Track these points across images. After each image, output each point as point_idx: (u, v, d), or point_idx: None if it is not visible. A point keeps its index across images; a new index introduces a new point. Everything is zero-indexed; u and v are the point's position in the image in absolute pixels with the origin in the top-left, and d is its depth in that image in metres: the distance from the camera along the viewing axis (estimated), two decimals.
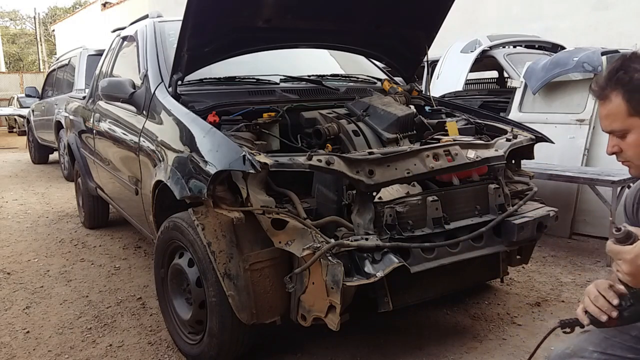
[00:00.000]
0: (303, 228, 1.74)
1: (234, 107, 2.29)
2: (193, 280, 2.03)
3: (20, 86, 18.81)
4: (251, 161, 1.70)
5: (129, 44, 3.41)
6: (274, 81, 2.69)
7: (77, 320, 2.63)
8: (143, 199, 2.63)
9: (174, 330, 2.26)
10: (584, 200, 3.80)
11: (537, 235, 2.16)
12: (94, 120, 3.63)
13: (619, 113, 1.19)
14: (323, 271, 1.68)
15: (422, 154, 2.00)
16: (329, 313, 1.73)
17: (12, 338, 2.47)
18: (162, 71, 2.64)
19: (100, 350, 2.32)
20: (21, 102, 13.19)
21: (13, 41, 36.47)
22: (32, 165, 8.88)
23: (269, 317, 1.89)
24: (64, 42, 21.00)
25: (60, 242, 4.08)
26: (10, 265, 3.53)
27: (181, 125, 2.17)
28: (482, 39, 5.35)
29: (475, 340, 2.31)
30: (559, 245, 3.67)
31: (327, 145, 2.19)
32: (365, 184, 1.84)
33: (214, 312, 1.92)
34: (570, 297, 2.77)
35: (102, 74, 3.88)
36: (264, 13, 2.29)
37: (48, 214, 5.07)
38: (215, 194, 1.79)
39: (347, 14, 2.52)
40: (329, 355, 2.21)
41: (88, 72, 6.27)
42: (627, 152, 1.23)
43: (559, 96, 4.10)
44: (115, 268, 3.39)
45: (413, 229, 1.93)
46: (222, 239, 1.81)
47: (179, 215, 2.06)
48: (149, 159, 2.44)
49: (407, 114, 2.30)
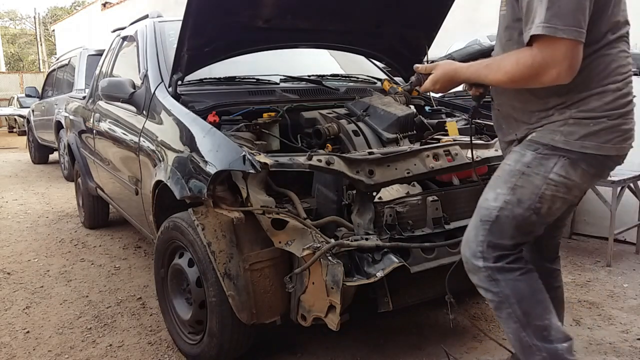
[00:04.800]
0: (303, 228, 1.74)
1: (234, 107, 2.29)
2: (193, 280, 2.03)
3: (20, 86, 18.80)
4: (251, 161, 1.70)
5: (129, 44, 3.41)
6: (274, 81, 2.69)
7: (77, 320, 2.63)
8: (143, 199, 2.63)
9: (174, 330, 2.26)
10: (584, 200, 3.80)
11: None
12: (94, 120, 3.63)
13: None
14: (323, 271, 1.68)
15: (422, 154, 2.00)
16: (329, 313, 1.73)
17: (12, 338, 2.47)
18: (162, 71, 2.64)
19: (100, 350, 2.32)
20: (21, 102, 13.18)
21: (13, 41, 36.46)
22: (32, 165, 8.88)
23: (269, 317, 1.88)
24: (64, 42, 20.98)
25: (60, 242, 4.08)
26: (10, 265, 3.53)
27: (181, 125, 2.17)
28: (482, 39, 5.35)
29: (475, 340, 2.31)
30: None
31: (327, 145, 2.19)
32: (365, 184, 1.84)
33: (214, 312, 1.92)
34: (570, 297, 2.77)
35: (102, 74, 3.88)
36: (264, 13, 2.29)
37: (48, 214, 5.07)
38: (215, 194, 1.79)
39: (347, 13, 2.51)
40: (329, 355, 2.21)
41: (88, 72, 6.27)
42: None
43: None
44: (115, 268, 3.39)
45: (413, 229, 1.93)
46: (222, 239, 1.81)
47: (179, 215, 2.06)
48: (149, 159, 2.44)
49: (407, 114, 2.30)
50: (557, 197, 1.41)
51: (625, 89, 1.39)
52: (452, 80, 1.54)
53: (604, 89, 1.36)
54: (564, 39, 1.23)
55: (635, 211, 3.51)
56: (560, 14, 1.22)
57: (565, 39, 1.23)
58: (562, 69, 1.25)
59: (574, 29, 1.23)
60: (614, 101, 1.37)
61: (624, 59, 1.39)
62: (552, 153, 1.39)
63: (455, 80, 1.54)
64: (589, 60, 1.34)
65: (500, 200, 1.45)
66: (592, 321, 2.50)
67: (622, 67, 1.38)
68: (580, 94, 1.37)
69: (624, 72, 1.38)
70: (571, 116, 1.37)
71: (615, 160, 1.43)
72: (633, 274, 3.11)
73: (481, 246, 1.47)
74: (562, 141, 1.38)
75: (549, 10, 1.23)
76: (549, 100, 1.41)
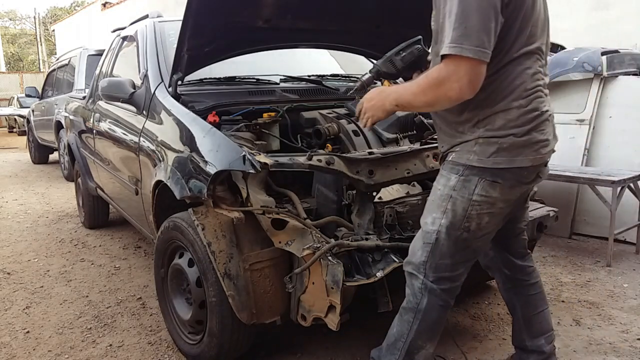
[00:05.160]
0: (303, 228, 1.75)
1: (234, 107, 2.29)
2: (193, 280, 2.03)
3: (20, 86, 18.79)
4: (251, 161, 1.70)
5: (129, 44, 3.41)
6: (274, 81, 2.69)
7: (77, 320, 2.63)
8: (143, 199, 2.63)
9: (174, 330, 2.26)
10: (584, 200, 3.80)
11: (537, 235, 2.17)
12: (94, 120, 3.63)
13: None
14: (323, 271, 1.68)
15: (422, 154, 2.00)
16: (329, 313, 1.73)
17: (12, 338, 2.47)
18: (162, 71, 2.64)
19: (100, 350, 2.32)
20: (21, 102, 13.17)
21: (13, 41, 36.46)
22: (32, 165, 8.88)
23: (269, 317, 1.88)
24: (64, 42, 21.00)
25: (60, 242, 4.08)
26: (10, 265, 3.53)
27: (181, 125, 2.17)
28: None
29: (475, 340, 2.31)
30: (559, 245, 3.67)
31: (327, 145, 2.19)
32: (365, 184, 1.84)
33: (214, 312, 1.92)
34: (570, 297, 2.77)
35: (102, 74, 3.88)
36: (264, 13, 2.28)
37: (48, 214, 5.07)
38: (215, 194, 1.79)
39: (347, 14, 2.51)
40: (329, 355, 2.21)
41: (88, 72, 6.27)
42: None
43: (559, 96, 4.10)
44: (115, 268, 3.39)
45: (413, 229, 1.93)
46: (222, 239, 1.81)
47: (179, 215, 2.06)
48: (149, 159, 2.44)
49: (407, 114, 2.30)
50: (482, 214, 1.51)
51: (530, 105, 1.45)
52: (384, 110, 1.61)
53: (508, 107, 1.44)
54: (468, 58, 1.33)
55: (635, 211, 3.51)
56: (466, 35, 1.32)
57: (469, 57, 1.32)
58: (463, 84, 1.35)
59: (477, 49, 1.32)
60: (518, 118, 1.44)
61: (530, 76, 1.46)
62: (471, 173, 1.49)
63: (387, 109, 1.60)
64: (492, 78, 1.42)
65: (437, 224, 1.55)
66: (592, 321, 2.50)
67: (527, 84, 1.45)
68: (486, 110, 1.45)
69: (529, 89, 1.45)
70: (480, 136, 1.46)
71: (533, 170, 1.50)
72: (633, 274, 3.11)
73: (424, 265, 1.59)
74: (476, 160, 1.47)
75: (455, 30, 1.33)
76: (462, 113, 1.50)
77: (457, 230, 1.53)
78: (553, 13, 1.55)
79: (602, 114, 3.89)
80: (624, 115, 3.80)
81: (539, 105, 1.47)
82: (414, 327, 1.62)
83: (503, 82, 1.44)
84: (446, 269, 1.58)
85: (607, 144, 3.84)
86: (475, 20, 1.31)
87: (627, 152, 3.73)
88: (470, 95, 1.38)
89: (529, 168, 1.49)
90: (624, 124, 3.77)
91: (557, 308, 2.64)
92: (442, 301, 1.61)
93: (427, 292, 1.59)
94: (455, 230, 1.53)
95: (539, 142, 1.47)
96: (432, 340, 1.66)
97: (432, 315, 1.61)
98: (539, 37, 1.48)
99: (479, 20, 1.32)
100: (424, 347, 1.65)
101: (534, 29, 1.46)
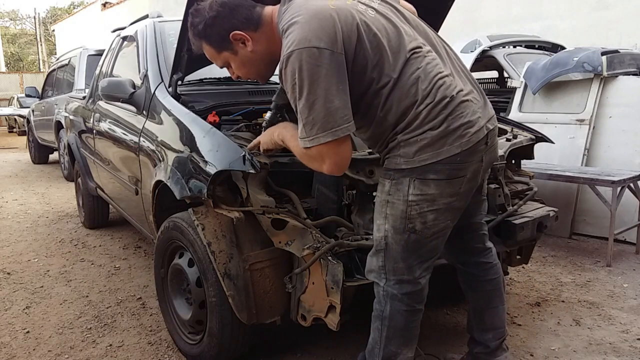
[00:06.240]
0: (303, 228, 1.74)
1: (234, 107, 2.29)
2: (193, 280, 2.03)
3: (20, 86, 18.80)
4: (251, 161, 1.70)
5: (129, 44, 3.41)
6: (274, 81, 2.67)
7: (77, 320, 2.63)
8: (143, 199, 2.63)
9: (174, 330, 2.26)
10: (584, 200, 3.80)
11: (537, 235, 2.16)
12: (94, 120, 3.63)
13: (213, 54, 1.60)
14: (323, 271, 1.68)
15: None
16: (329, 313, 1.73)
17: (12, 338, 2.47)
18: (162, 71, 2.64)
19: (100, 350, 2.32)
20: (21, 102, 13.17)
21: (13, 41, 36.46)
22: (32, 165, 8.88)
23: (269, 317, 1.88)
24: (64, 42, 21.01)
25: (60, 242, 4.08)
26: (10, 265, 3.53)
27: (181, 125, 2.17)
28: (482, 39, 5.35)
29: None
30: (559, 245, 3.67)
31: None
32: (365, 184, 1.84)
33: (214, 312, 1.92)
34: (570, 297, 2.77)
35: (102, 74, 3.88)
36: None
37: (48, 214, 5.07)
38: (215, 194, 1.79)
39: None
40: (329, 355, 2.21)
41: (88, 72, 6.27)
42: (241, 74, 1.64)
43: (559, 96, 4.10)
44: (115, 268, 3.40)
45: None
46: (222, 239, 1.81)
47: (179, 215, 2.06)
48: (149, 159, 2.44)
49: None
50: (424, 213, 1.49)
51: (436, 97, 1.43)
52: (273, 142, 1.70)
53: (418, 112, 1.43)
54: (327, 142, 1.38)
55: (635, 211, 3.52)
56: (315, 125, 1.37)
57: (328, 141, 1.37)
58: (330, 165, 1.43)
59: (331, 132, 1.36)
60: (430, 113, 1.43)
61: (423, 73, 1.44)
62: (401, 176, 1.49)
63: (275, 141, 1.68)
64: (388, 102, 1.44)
65: (382, 230, 1.56)
66: (592, 321, 2.50)
67: (422, 83, 1.43)
68: (400, 124, 1.45)
69: (427, 87, 1.43)
70: (401, 140, 1.47)
71: (466, 155, 1.46)
72: (633, 274, 3.11)
73: (383, 270, 1.59)
74: (403, 162, 1.47)
75: (306, 126, 1.38)
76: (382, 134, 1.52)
77: (403, 233, 1.52)
78: (553, 13, 1.55)
79: (602, 114, 3.89)
80: (624, 115, 3.80)
81: (446, 92, 1.44)
82: (383, 334, 1.63)
83: (397, 94, 1.44)
84: (403, 272, 1.57)
85: (607, 144, 3.84)
86: (319, 107, 1.35)
87: (627, 152, 3.73)
88: (341, 172, 1.48)
89: (461, 154, 1.44)
90: (624, 124, 3.78)
91: (557, 308, 2.64)
92: (405, 306, 1.60)
93: (388, 298, 1.59)
94: (400, 234, 1.52)
95: (460, 127, 1.43)
96: (407, 345, 1.65)
97: (398, 321, 1.61)
98: (412, 40, 1.48)
99: (321, 105, 1.34)
100: (400, 353, 1.64)
101: (403, 41, 1.46)
